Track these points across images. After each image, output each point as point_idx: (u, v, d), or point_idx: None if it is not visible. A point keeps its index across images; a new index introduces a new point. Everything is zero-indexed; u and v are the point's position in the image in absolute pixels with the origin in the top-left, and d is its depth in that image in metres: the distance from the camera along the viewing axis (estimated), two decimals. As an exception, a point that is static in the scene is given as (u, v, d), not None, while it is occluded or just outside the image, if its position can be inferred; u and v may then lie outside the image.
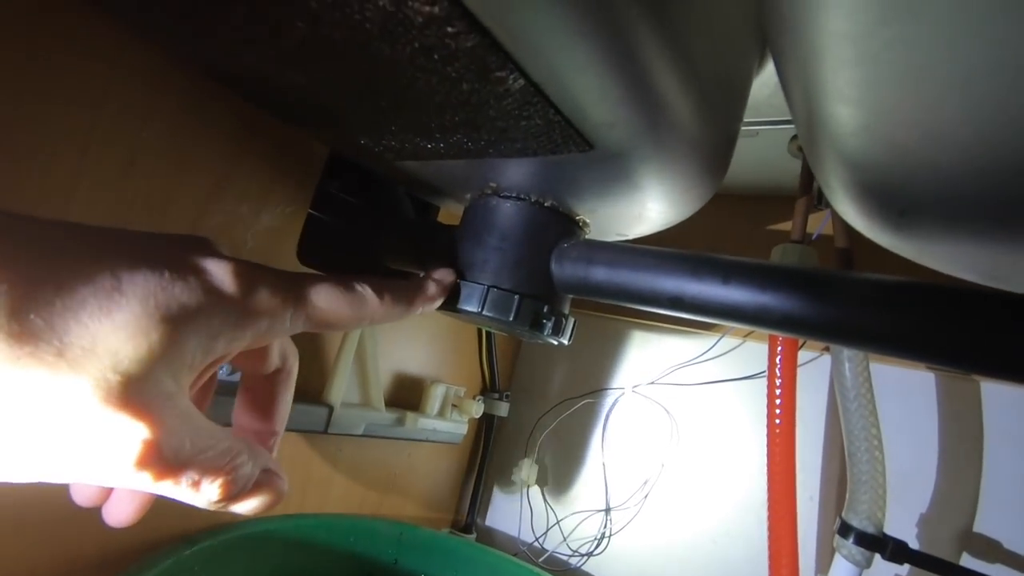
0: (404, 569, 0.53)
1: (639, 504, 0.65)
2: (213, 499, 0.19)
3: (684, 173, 0.30)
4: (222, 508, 0.20)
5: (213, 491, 0.19)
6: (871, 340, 0.25)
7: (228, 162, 0.39)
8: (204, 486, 0.19)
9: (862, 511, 0.42)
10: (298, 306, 0.23)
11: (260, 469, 0.21)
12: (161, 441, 0.17)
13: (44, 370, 0.15)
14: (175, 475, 0.18)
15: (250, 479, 0.20)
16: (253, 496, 0.21)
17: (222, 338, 0.20)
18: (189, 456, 0.18)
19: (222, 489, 0.19)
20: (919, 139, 0.17)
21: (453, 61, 0.22)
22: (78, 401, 0.16)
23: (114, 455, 0.16)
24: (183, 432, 0.18)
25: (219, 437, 0.19)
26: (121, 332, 0.16)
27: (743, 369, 0.63)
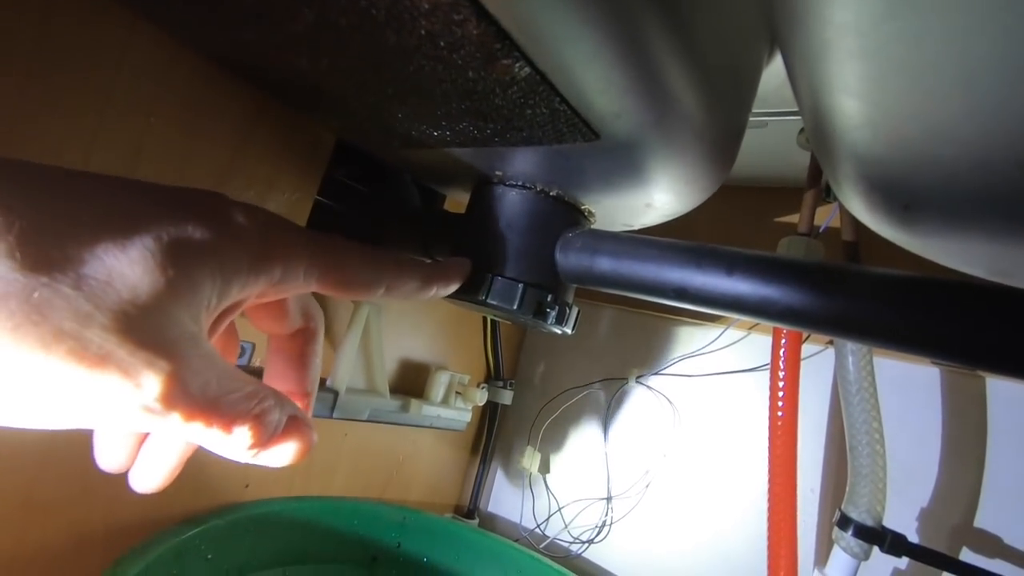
0: (407, 553, 0.54)
1: (640, 493, 0.66)
2: (245, 444, 0.18)
3: (690, 164, 0.30)
4: (254, 457, 0.19)
5: (244, 435, 0.18)
6: (875, 334, 0.25)
7: (235, 148, 0.40)
8: (236, 430, 0.18)
9: (862, 504, 0.42)
10: (313, 259, 0.22)
11: (288, 415, 0.20)
12: (187, 378, 0.16)
13: (62, 302, 0.14)
14: (205, 415, 0.17)
15: (279, 424, 0.20)
16: (283, 441, 0.20)
17: (236, 281, 0.19)
18: (216, 395, 0.17)
19: (253, 432, 0.18)
20: (923, 133, 0.17)
21: (459, 49, 0.22)
22: (99, 334, 0.15)
23: (139, 392, 0.16)
24: (208, 372, 0.17)
25: (245, 380, 0.19)
26: (137, 267, 0.16)
27: (746, 361, 0.63)
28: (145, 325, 0.16)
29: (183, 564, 0.38)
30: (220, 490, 0.44)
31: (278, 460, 0.20)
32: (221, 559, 0.42)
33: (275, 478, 0.49)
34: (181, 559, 0.38)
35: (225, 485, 0.45)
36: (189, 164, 0.37)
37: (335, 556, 0.51)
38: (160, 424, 0.17)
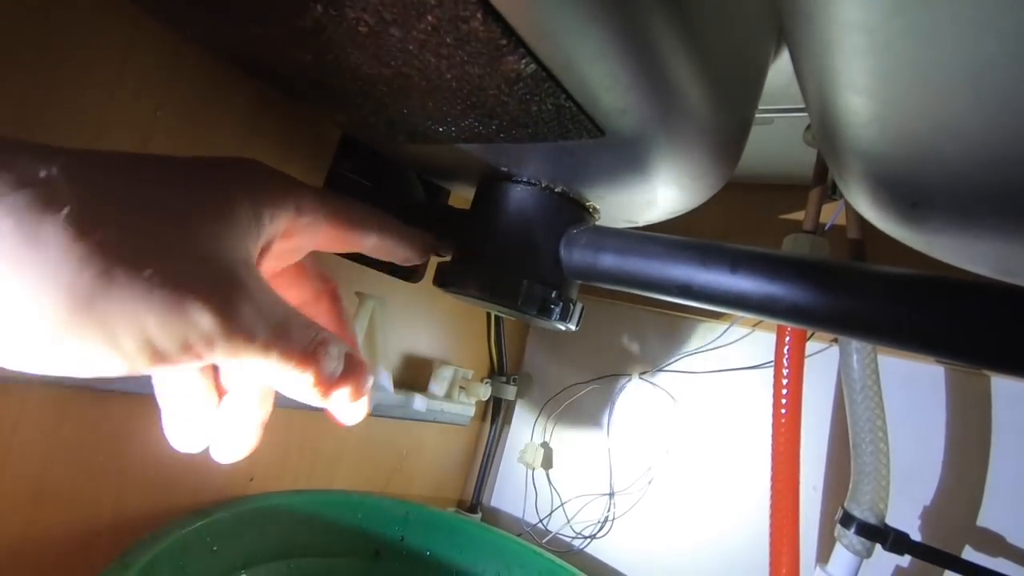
0: (410, 546, 0.55)
1: (643, 489, 0.66)
2: (311, 379, 0.19)
3: (696, 160, 0.30)
4: (320, 395, 0.20)
5: (308, 371, 0.19)
6: (880, 333, 0.25)
7: (240, 143, 0.40)
8: (304, 361, 0.18)
9: (864, 502, 0.42)
10: (322, 198, 0.25)
11: (345, 352, 0.21)
12: (254, 299, 0.17)
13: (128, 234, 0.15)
14: (275, 341, 0.17)
15: (339, 359, 0.20)
16: (345, 383, 0.21)
17: (264, 210, 0.20)
18: (282, 321, 0.18)
19: (315, 368, 0.19)
20: (930, 130, 0.17)
21: (465, 45, 0.22)
22: (171, 263, 0.15)
23: (203, 318, 0.15)
24: (268, 299, 0.18)
25: (300, 314, 0.19)
26: (180, 197, 0.16)
27: (750, 358, 0.63)
28: (202, 249, 0.16)
29: (189, 556, 0.39)
30: (225, 483, 0.45)
31: (340, 402, 0.21)
32: (226, 551, 0.42)
33: (279, 471, 0.49)
34: (187, 551, 0.39)
35: (230, 478, 0.45)
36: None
37: (339, 549, 0.51)
38: (228, 349, 0.16)
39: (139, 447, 0.38)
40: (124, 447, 0.38)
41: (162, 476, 0.40)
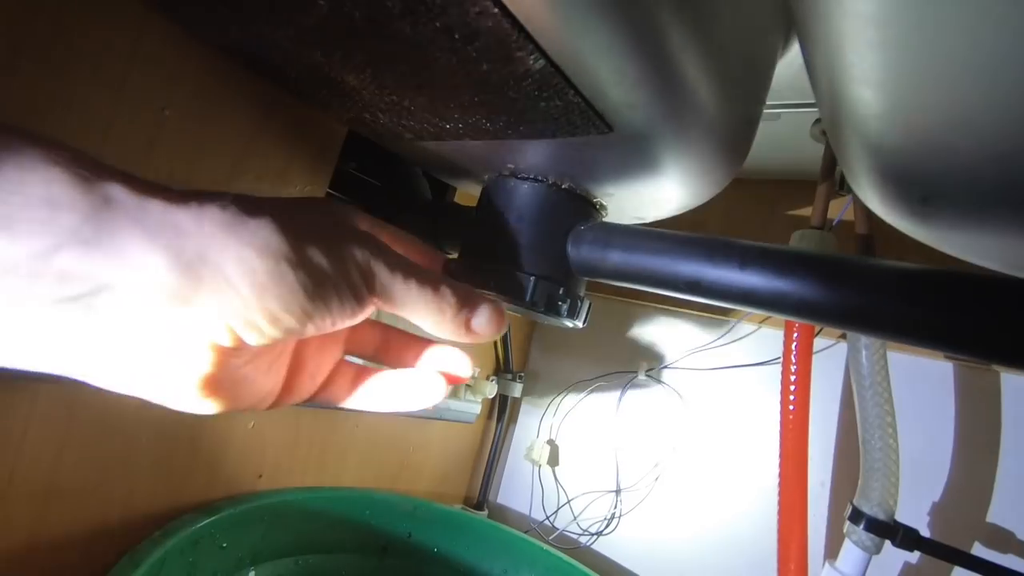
0: (417, 543, 0.55)
1: (650, 486, 0.66)
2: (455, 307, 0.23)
3: (704, 156, 0.30)
4: (460, 322, 0.24)
5: (449, 296, 0.23)
6: (890, 328, 0.25)
7: (246, 142, 0.40)
8: (443, 290, 0.23)
9: (874, 498, 0.42)
10: (380, 224, 0.28)
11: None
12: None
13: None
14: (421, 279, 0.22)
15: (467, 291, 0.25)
16: (481, 306, 0.25)
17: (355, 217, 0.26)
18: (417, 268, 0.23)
19: (455, 299, 0.23)
20: (942, 124, 0.16)
21: (474, 41, 0.22)
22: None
23: (362, 254, 0.21)
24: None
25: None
26: (316, 211, 0.23)
27: (757, 355, 0.63)
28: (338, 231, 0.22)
29: (198, 552, 0.39)
30: (234, 480, 0.45)
31: (482, 322, 0.25)
32: (235, 548, 0.42)
33: (287, 468, 0.49)
34: (196, 547, 0.39)
35: (239, 475, 0.45)
36: (201, 157, 0.37)
37: (347, 546, 0.51)
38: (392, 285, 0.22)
39: (148, 445, 0.39)
40: (133, 445, 0.38)
41: (171, 473, 0.40)
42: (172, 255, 0.17)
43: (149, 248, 0.16)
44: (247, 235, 0.18)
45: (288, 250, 0.18)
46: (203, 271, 0.17)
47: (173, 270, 0.17)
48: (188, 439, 0.41)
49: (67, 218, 0.15)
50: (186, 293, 0.17)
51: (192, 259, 0.17)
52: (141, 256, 0.16)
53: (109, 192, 0.16)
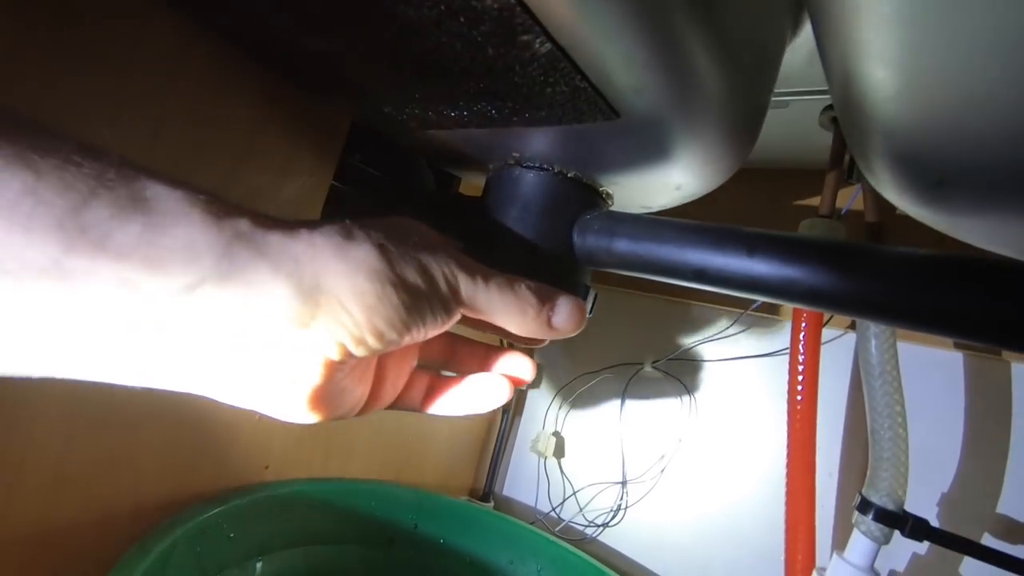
0: (423, 534, 0.55)
1: (655, 478, 0.66)
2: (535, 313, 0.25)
3: (712, 143, 0.29)
4: (543, 321, 0.25)
5: (530, 297, 0.25)
6: (901, 315, 0.24)
7: (251, 132, 0.40)
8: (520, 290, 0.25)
9: (883, 488, 0.41)
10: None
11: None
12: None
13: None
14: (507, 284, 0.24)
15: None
16: (559, 303, 0.26)
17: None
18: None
19: (535, 298, 0.25)
20: (959, 104, 0.16)
21: (479, 24, 0.21)
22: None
23: (452, 269, 0.23)
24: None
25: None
26: (413, 232, 0.24)
27: (763, 346, 0.62)
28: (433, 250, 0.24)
29: (206, 542, 0.39)
30: (241, 471, 0.45)
31: (563, 317, 0.26)
32: (242, 538, 0.42)
33: (294, 460, 0.50)
34: (204, 537, 0.39)
35: (246, 467, 0.45)
36: (205, 148, 0.37)
37: (353, 537, 0.51)
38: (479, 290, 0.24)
39: (156, 436, 0.39)
40: (141, 436, 0.38)
41: (179, 464, 0.40)
42: (294, 284, 0.19)
43: (274, 278, 0.18)
44: (354, 261, 0.20)
45: (389, 272, 0.21)
46: (320, 297, 0.19)
47: (296, 298, 0.19)
48: (195, 430, 0.41)
49: (207, 256, 0.17)
50: (305, 318, 0.19)
51: (311, 286, 0.19)
52: (270, 286, 0.18)
53: (239, 228, 0.18)
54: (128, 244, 0.16)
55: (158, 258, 0.16)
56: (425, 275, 0.22)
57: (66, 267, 0.15)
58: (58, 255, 0.15)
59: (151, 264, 0.16)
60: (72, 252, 0.15)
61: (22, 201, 0.14)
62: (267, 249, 0.19)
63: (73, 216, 0.15)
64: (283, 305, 0.18)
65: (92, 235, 0.15)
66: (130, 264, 0.16)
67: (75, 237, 0.15)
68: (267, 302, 0.18)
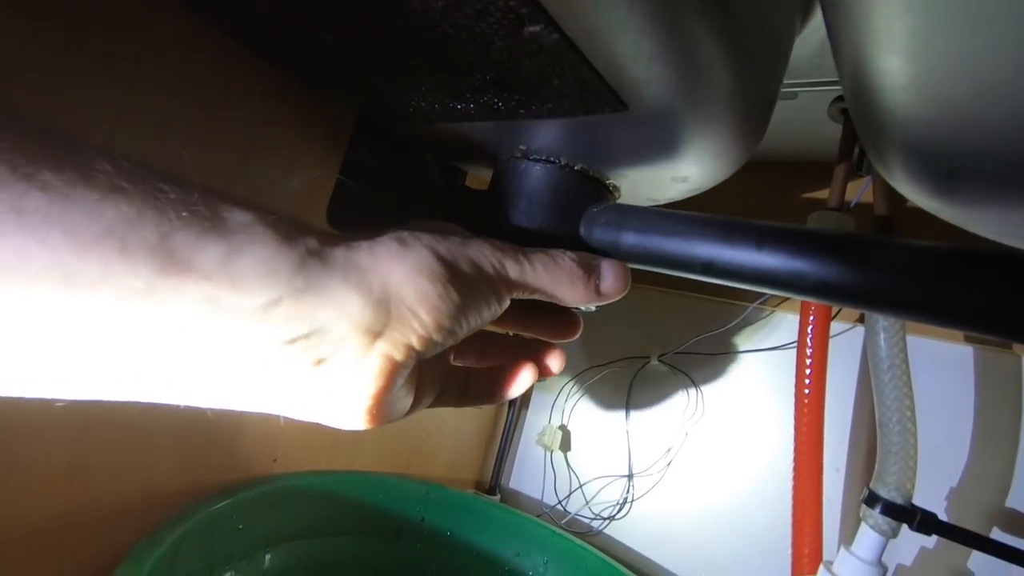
0: (431, 526, 0.55)
1: (662, 471, 0.66)
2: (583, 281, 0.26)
3: (720, 135, 0.29)
4: (592, 288, 0.27)
5: (575, 268, 0.26)
6: (912, 307, 0.24)
7: (257, 128, 0.40)
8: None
9: (891, 481, 0.41)
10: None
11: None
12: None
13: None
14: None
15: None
16: (604, 269, 0.27)
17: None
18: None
19: (580, 269, 0.26)
20: (972, 92, 0.16)
21: (486, 16, 0.21)
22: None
23: (503, 260, 0.24)
24: None
25: None
26: (452, 233, 0.25)
27: (770, 340, 0.62)
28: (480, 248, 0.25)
29: (215, 534, 0.40)
30: (249, 464, 0.45)
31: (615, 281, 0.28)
32: (251, 530, 0.43)
33: (302, 453, 0.50)
34: (213, 529, 0.39)
35: (254, 459, 0.46)
36: (212, 142, 0.37)
37: (361, 529, 0.52)
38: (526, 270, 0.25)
39: (166, 430, 0.39)
40: (152, 430, 0.38)
41: (188, 456, 0.41)
42: (364, 293, 0.20)
43: (345, 290, 0.19)
44: (413, 264, 0.21)
45: (444, 270, 0.21)
46: (389, 303, 0.20)
47: (368, 307, 0.20)
48: (204, 423, 0.41)
49: (283, 273, 0.18)
50: (379, 326, 0.20)
51: (380, 295, 0.20)
52: (343, 298, 0.19)
53: (309, 246, 0.19)
54: (212, 265, 0.17)
55: (240, 276, 0.17)
56: (475, 267, 0.23)
57: (158, 288, 0.16)
58: (151, 277, 0.16)
59: (233, 283, 0.17)
60: (163, 273, 0.16)
61: (116, 228, 0.15)
62: (334, 264, 0.19)
63: (163, 240, 0.16)
64: (357, 315, 0.19)
65: (180, 257, 0.16)
66: (214, 284, 0.17)
67: (165, 260, 0.16)
68: (344, 313, 0.19)
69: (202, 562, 0.38)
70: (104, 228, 0.15)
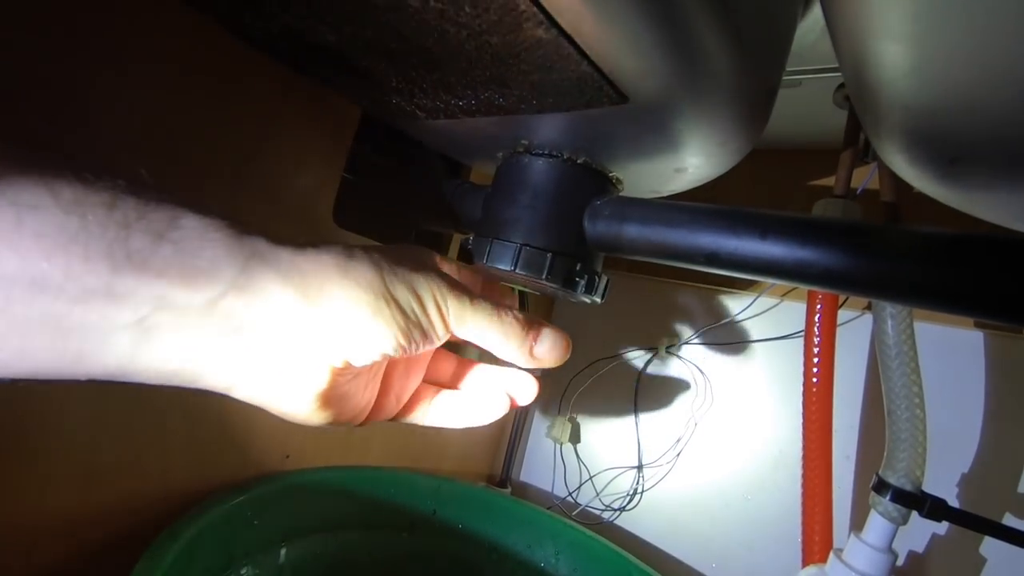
0: (442, 520, 0.56)
1: (671, 462, 0.66)
2: (519, 340, 0.26)
3: (722, 125, 0.29)
4: (525, 349, 0.26)
5: (514, 325, 0.26)
6: (918, 295, 0.24)
7: (263, 126, 0.40)
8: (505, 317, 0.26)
9: (900, 468, 0.41)
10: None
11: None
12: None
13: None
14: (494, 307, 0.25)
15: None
16: (543, 334, 0.27)
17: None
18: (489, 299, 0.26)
19: (519, 327, 0.26)
20: (974, 78, 0.16)
21: (483, 13, 0.21)
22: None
23: (441, 290, 0.24)
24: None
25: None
26: (400, 254, 0.26)
27: (778, 329, 0.62)
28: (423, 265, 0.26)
29: (231, 529, 0.40)
30: (262, 461, 0.46)
31: (545, 350, 0.27)
32: (266, 525, 0.43)
33: (313, 449, 0.50)
34: (229, 524, 0.40)
35: (267, 456, 0.46)
36: (218, 141, 0.38)
37: (374, 523, 0.52)
38: (464, 310, 0.25)
39: (180, 428, 0.40)
40: (167, 429, 0.39)
41: (203, 454, 0.42)
42: (300, 293, 0.21)
43: (282, 288, 0.21)
44: (355, 275, 0.22)
45: (384, 288, 0.23)
46: (323, 305, 0.21)
47: (300, 305, 0.21)
48: (217, 420, 0.42)
49: (228, 272, 0.20)
50: (309, 324, 0.21)
51: (315, 296, 0.21)
52: (279, 295, 0.21)
53: (256, 248, 0.21)
54: (163, 265, 0.19)
55: (189, 276, 0.19)
56: (414, 295, 0.24)
57: (115, 287, 0.18)
58: (109, 277, 0.18)
59: (183, 280, 0.19)
60: (120, 273, 0.18)
61: (79, 236, 0.17)
62: (278, 264, 0.21)
63: (120, 244, 0.18)
64: (290, 312, 0.21)
65: (135, 259, 0.18)
66: (166, 281, 0.19)
67: (121, 261, 0.18)
68: (277, 310, 0.21)
69: (220, 557, 0.39)
70: (70, 236, 0.17)
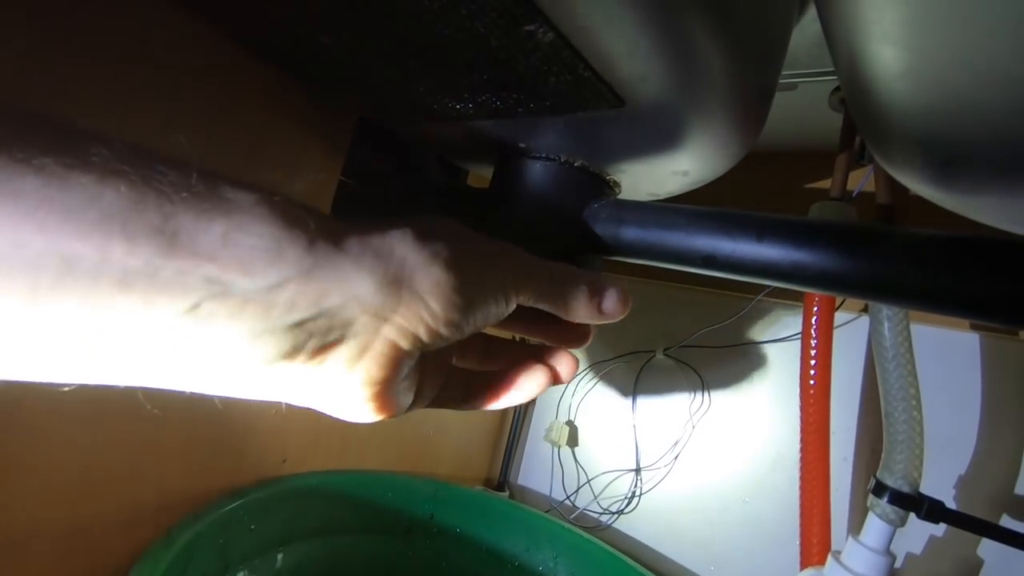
0: (440, 524, 0.56)
1: (669, 464, 0.66)
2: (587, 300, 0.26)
3: (718, 128, 0.29)
4: (594, 306, 0.27)
5: (581, 284, 0.26)
6: (915, 296, 0.24)
7: (260, 130, 0.40)
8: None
9: (898, 470, 0.41)
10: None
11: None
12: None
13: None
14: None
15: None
16: (608, 290, 0.27)
17: None
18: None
19: (586, 286, 0.26)
20: (967, 81, 0.16)
21: (481, 16, 0.22)
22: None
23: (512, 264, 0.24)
24: None
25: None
26: (471, 238, 0.24)
27: (776, 332, 0.62)
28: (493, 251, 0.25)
29: (228, 534, 0.40)
30: (259, 465, 0.46)
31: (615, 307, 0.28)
32: (263, 529, 0.43)
33: (311, 453, 0.50)
34: (226, 529, 0.40)
35: (264, 460, 0.46)
36: (216, 146, 0.38)
37: (371, 527, 0.52)
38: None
39: (177, 434, 0.40)
40: (163, 434, 0.39)
41: (200, 460, 0.41)
42: (377, 277, 0.19)
43: (357, 273, 0.19)
44: (431, 254, 0.20)
45: (461, 264, 0.21)
46: (402, 289, 0.19)
47: (380, 292, 0.19)
48: (214, 425, 0.42)
49: (291, 254, 0.17)
50: (387, 312, 0.19)
51: (392, 279, 0.19)
52: (355, 281, 0.18)
53: (319, 225, 0.18)
54: (215, 245, 0.16)
55: (244, 257, 0.16)
56: (489, 267, 0.23)
57: (161, 270, 0.15)
58: (154, 258, 0.15)
59: (238, 263, 0.16)
60: (167, 255, 0.15)
61: (116, 211, 0.15)
62: (346, 245, 0.19)
63: (165, 221, 0.15)
64: (367, 299, 0.19)
65: (182, 238, 0.16)
66: (218, 265, 0.16)
67: (168, 241, 0.15)
68: (354, 297, 0.18)
69: (216, 562, 0.39)
70: (103, 211, 0.14)
